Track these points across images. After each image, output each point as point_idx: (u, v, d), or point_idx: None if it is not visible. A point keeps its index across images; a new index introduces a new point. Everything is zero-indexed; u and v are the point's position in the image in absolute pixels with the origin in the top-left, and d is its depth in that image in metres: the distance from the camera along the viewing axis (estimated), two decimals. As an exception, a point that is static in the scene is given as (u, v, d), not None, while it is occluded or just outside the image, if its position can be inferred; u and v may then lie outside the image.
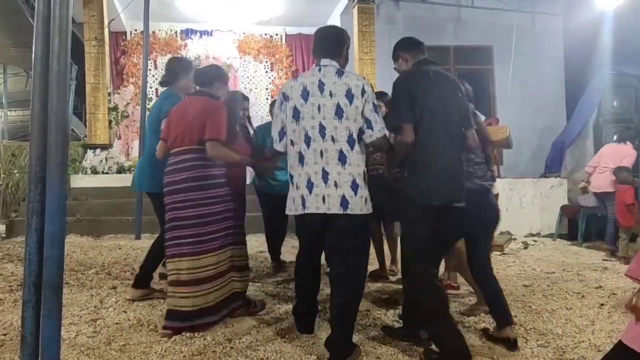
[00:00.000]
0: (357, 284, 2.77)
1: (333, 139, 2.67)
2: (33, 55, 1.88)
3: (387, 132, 2.77)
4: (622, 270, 5.09)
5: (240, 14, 9.94)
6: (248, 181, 4.07)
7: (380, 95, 5.04)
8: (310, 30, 10.92)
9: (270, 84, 10.75)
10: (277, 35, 10.84)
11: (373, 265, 5.04)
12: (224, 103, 3.34)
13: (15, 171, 9.11)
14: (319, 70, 2.77)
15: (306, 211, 2.73)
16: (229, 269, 3.26)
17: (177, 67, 3.84)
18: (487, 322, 3.31)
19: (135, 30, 10.19)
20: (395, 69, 3.06)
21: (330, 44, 2.86)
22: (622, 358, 1.79)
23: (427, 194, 2.66)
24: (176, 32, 10.46)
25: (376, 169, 4.80)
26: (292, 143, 2.78)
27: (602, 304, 3.81)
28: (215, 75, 3.41)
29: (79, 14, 8.69)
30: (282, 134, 2.84)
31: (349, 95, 2.67)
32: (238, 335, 3.04)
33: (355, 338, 2.99)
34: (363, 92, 2.69)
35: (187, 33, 10.50)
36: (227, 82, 3.51)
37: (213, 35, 10.56)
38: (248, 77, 10.67)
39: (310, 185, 2.70)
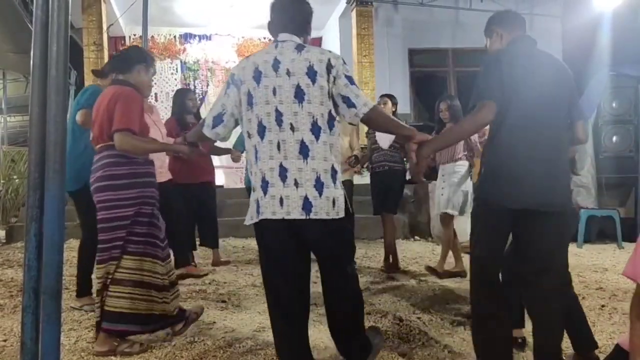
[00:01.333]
0: (355, 294, 2.41)
1: (292, 128, 2.17)
2: (31, 61, 1.88)
3: (373, 103, 2.33)
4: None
5: (239, 18, 9.95)
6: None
7: (390, 95, 5.07)
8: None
9: (269, 87, 10.76)
10: (275, 39, 10.85)
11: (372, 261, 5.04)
12: (136, 90, 2.94)
13: (15, 177, 9.11)
14: (275, 47, 2.27)
15: (260, 217, 2.24)
16: (150, 285, 2.86)
17: (112, 66, 3.41)
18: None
19: (134, 35, 10.20)
20: (485, 47, 2.65)
21: (290, 16, 2.33)
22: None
23: (501, 192, 2.29)
24: (175, 37, 10.47)
25: (382, 165, 4.85)
26: (249, 135, 2.28)
27: (603, 305, 3.80)
28: (134, 58, 3.00)
29: (78, 20, 8.71)
30: (219, 120, 2.35)
31: (311, 73, 2.16)
32: (239, 340, 3.03)
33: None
34: (329, 67, 2.17)
35: (186, 37, 10.51)
36: (151, 63, 3.06)
37: (212, 39, 10.57)
38: (247, 80, 10.68)
39: (265, 185, 2.21)
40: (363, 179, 5.83)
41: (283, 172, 2.19)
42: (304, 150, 2.18)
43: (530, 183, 2.27)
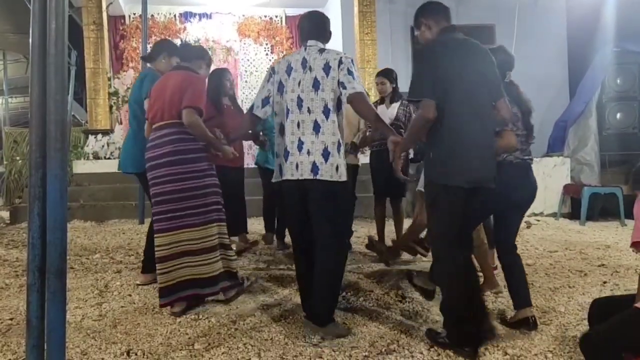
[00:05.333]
0: (336, 249, 2.86)
1: (309, 110, 2.82)
2: (30, 41, 1.86)
3: (362, 90, 2.82)
4: (625, 249, 5.10)
5: (239, -4, 9.85)
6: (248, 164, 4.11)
7: (387, 72, 4.97)
8: (311, 12, 10.83)
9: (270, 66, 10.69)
10: (277, 17, 10.74)
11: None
12: (205, 77, 3.36)
13: (18, 158, 9.12)
14: (305, 49, 2.94)
15: (283, 178, 2.92)
16: (217, 247, 3.24)
17: (161, 47, 3.82)
18: (490, 300, 3.34)
19: (134, 14, 10.11)
20: (416, 36, 2.88)
21: (316, 27, 2.99)
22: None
23: (453, 175, 2.56)
24: (175, 16, 10.38)
25: (379, 144, 4.78)
26: (276, 114, 2.99)
27: (604, 282, 3.82)
28: (197, 52, 3.50)
29: (77, -2, 8.63)
30: (265, 102, 3.00)
31: (326, 68, 2.81)
32: (242, 317, 3.06)
33: (358, 318, 3.02)
34: (340, 62, 2.81)
35: (186, 16, 10.41)
36: (209, 63, 3.57)
37: (212, 18, 10.47)
38: (248, 59, 10.61)
39: (286, 154, 2.88)
40: (364, 158, 5.80)
41: (300, 145, 2.84)
42: (316, 128, 2.82)
43: (474, 163, 2.57)
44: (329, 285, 2.83)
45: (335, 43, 9.11)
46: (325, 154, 2.78)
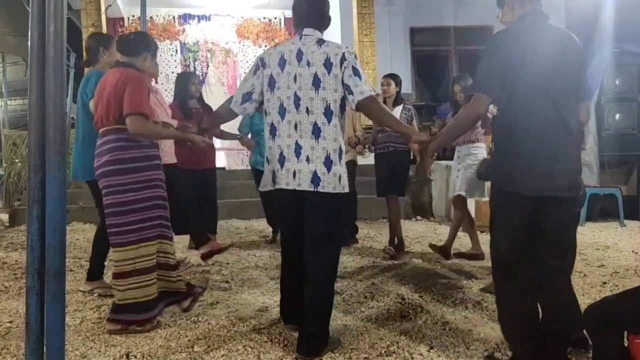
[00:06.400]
0: (329, 265, 2.63)
1: (308, 111, 2.51)
2: (29, 43, 1.86)
3: (372, 93, 2.54)
4: (624, 249, 5.10)
5: (238, -2, 9.86)
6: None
7: (393, 75, 5.00)
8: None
9: (269, 68, 10.69)
10: (276, 19, 10.75)
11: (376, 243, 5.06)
12: (145, 75, 2.99)
13: (17, 160, 9.12)
14: (300, 38, 2.60)
15: (276, 187, 2.61)
16: (156, 266, 2.94)
17: (94, 45, 3.55)
18: (490, 302, 3.34)
19: (133, 16, 10.12)
20: (497, 17, 2.50)
21: (314, 13, 2.66)
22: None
23: (515, 180, 2.19)
24: (174, 18, 10.39)
25: (386, 146, 4.81)
26: (267, 114, 2.64)
27: (604, 282, 3.82)
28: (141, 44, 3.01)
29: (76, 1, 8.63)
30: (246, 97, 2.67)
31: (327, 64, 2.50)
32: (242, 319, 3.06)
33: (359, 319, 3.02)
34: (343, 59, 2.50)
35: (185, 18, 10.42)
36: (155, 52, 3.10)
37: (211, 19, 10.48)
38: (247, 61, 10.60)
39: (282, 160, 2.56)
40: (366, 159, 5.80)
41: (298, 149, 2.54)
42: (316, 131, 2.52)
43: (543, 168, 2.18)
44: (324, 296, 2.59)
45: (334, 45, 9.10)
46: (328, 163, 2.51)
